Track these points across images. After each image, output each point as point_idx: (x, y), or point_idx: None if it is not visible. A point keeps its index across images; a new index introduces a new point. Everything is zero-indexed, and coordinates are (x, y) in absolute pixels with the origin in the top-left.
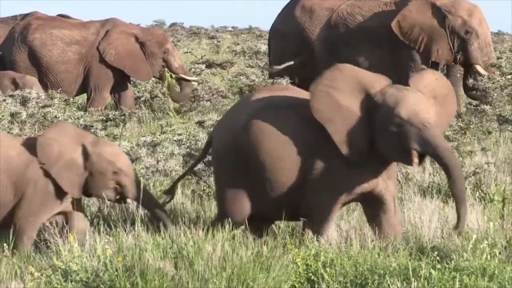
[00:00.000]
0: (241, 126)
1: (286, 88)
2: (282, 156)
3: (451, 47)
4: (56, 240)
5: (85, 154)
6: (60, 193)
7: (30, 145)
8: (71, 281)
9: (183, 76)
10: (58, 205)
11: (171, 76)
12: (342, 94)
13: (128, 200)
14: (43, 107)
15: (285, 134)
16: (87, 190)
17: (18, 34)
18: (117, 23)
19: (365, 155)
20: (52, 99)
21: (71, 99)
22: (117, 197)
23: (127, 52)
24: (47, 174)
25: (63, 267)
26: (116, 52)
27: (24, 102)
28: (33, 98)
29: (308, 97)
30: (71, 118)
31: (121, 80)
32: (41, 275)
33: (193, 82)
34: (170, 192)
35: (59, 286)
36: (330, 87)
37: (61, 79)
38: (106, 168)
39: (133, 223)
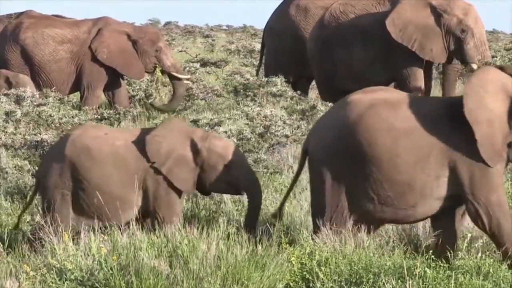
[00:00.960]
0: (350, 126)
1: (381, 90)
2: (399, 152)
3: (446, 46)
4: (51, 239)
5: (195, 150)
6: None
7: (138, 139)
8: (66, 280)
9: (175, 74)
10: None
11: (161, 73)
12: (490, 96)
13: (243, 192)
14: (37, 105)
15: (402, 131)
16: (202, 186)
17: (10, 32)
18: (109, 22)
19: (500, 158)
20: (46, 98)
21: (66, 98)
22: (232, 189)
23: (119, 50)
24: (158, 172)
25: (58, 266)
26: (108, 50)
27: (18, 100)
28: (27, 97)
29: (409, 95)
30: (66, 117)
31: (114, 79)
32: (36, 274)
33: (185, 81)
34: (277, 215)
35: (54, 285)
36: (481, 88)
37: (54, 78)
38: (218, 161)
39: (127, 222)
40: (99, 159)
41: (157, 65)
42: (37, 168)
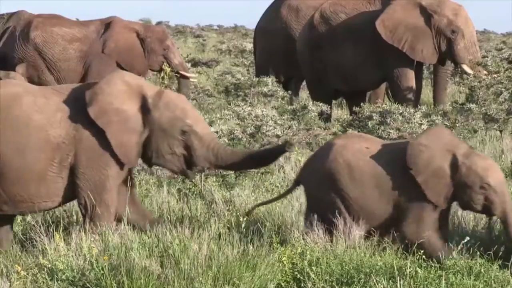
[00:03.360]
0: None
1: None
2: None
3: (436, 47)
4: (42, 239)
5: (455, 165)
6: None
7: (401, 153)
8: (57, 280)
9: (182, 73)
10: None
11: (171, 71)
12: None
13: (494, 218)
14: None
15: None
16: (454, 201)
17: (19, 32)
18: (117, 21)
19: None
20: None
21: None
22: (485, 211)
23: (127, 48)
24: (413, 179)
25: (49, 265)
26: (116, 45)
27: None
28: None
29: None
30: None
31: None
32: (27, 273)
33: (192, 80)
34: None
35: (45, 285)
36: None
37: (63, 77)
38: (474, 181)
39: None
40: (359, 179)
41: (164, 64)
42: None
